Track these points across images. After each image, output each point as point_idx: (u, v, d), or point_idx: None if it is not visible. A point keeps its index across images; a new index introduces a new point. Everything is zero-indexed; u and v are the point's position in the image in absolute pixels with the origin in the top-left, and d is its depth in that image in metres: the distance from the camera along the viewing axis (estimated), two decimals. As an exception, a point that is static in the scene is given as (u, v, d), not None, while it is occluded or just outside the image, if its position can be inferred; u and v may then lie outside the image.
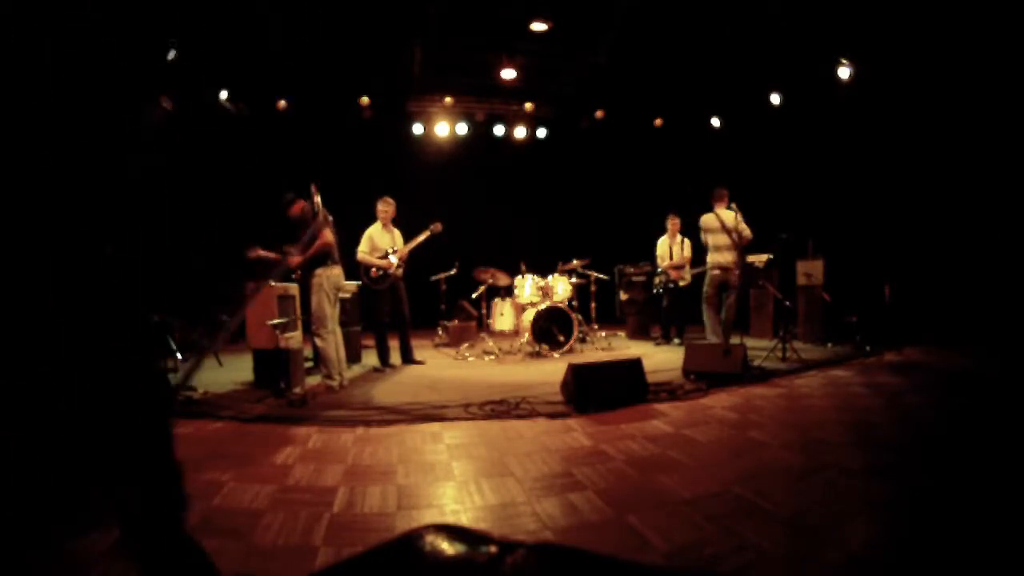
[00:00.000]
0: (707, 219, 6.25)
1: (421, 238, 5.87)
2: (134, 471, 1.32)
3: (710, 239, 6.24)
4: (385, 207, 5.77)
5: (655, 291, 7.47)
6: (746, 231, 5.99)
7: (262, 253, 4.85)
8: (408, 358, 5.89)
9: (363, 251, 5.65)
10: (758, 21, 6.32)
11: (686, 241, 7.25)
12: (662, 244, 7.31)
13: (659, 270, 7.33)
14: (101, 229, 1.28)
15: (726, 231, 5.98)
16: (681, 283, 7.15)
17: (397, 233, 5.89)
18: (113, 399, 1.26)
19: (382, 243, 5.67)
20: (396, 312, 5.74)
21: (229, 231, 5.77)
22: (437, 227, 5.90)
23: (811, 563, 1.72)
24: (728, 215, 6.05)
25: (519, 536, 1.90)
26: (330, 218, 4.65)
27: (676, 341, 7.03)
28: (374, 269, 5.61)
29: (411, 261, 5.91)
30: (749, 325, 7.40)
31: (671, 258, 7.21)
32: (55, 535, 1.97)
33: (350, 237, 5.58)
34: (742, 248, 5.92)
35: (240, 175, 8.06)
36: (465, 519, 2.12)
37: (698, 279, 7.40)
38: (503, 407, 3.83)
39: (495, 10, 6.36)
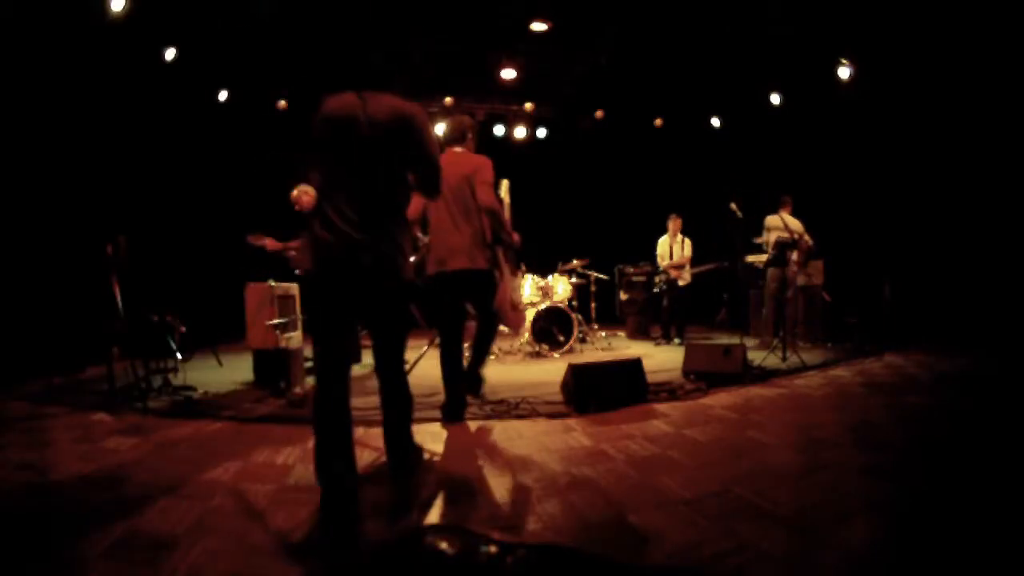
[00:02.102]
0: (772, 219, 6.43)
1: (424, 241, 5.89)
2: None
3: (772, 238, 6.40)
4: None
5: (655, 290, 7.47)
6: (808, 240, 6.37)
7: (266, 242, 4.57)
8: None
9: None
10: (758, 21, 6.32)
11: (687, 241, 7.24)
12: (663, 243, 7.32)
13: (659, 269, 7.34)
14: None
15: (788, 231, 6.11)
16: (680, 282, 7.15)
17: None
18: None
19: None
20: None
21: (234, 231, 5.72)
22: None
23: (811, 563, 1.72)
24: (793, 220, 6.27)
25: (519, 536, 1.90)
26: None
27: (676, 341, 7.03)
28: None
29: (411, 261, 5.92)
30: (749, 325, 7.39)
31: (671, 257, 7.21)
32: (54, 535, 1.98)
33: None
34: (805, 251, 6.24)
35: (243, 175, 8.06)
36: (465, 519, 2.12)
37: (697, 279, 7.41)
38: (503, 407, 3.82)
39: (495, 10, 6.35)
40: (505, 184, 4.14)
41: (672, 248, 7.24)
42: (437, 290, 3.42)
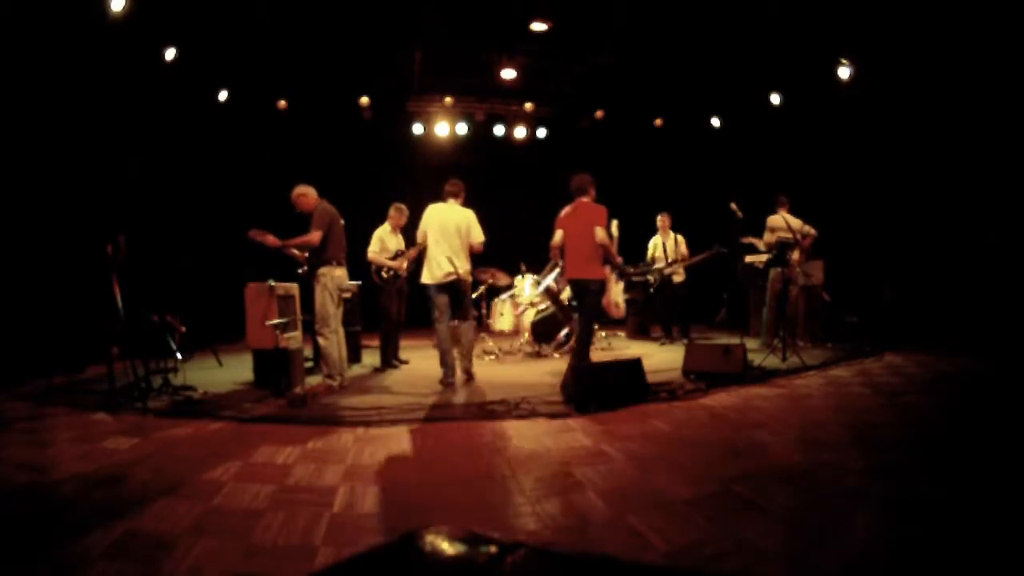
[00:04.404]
0: (774, 219, 6.46)
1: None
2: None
3: (775, 238, 6.44)
4: (398, 215, 5.87)
5: (651, 289, 7.47)
6: (812, 231, 6.45)
7: (268, 238, 4.43)
8: (396, 355, 6.00)
9: (374, 251, 5.74)
10: (758, 21, 6.32)
11: (679, 237, 7.25)
12: (655, 243, 7.32)
13: (653, 267, 7.34)
14: None
15: (791, 231, 6.10)
16: (676, 278, 7.14)
17: (401, 237, 5.95)
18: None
19: (391, 245, 5.76)
20: (398, 312, 5.85)
21: (234, 231, 5.70)
22: None
23: (811, 563, 1.72)
24: (795, 220, 6.28)
25: (519, 536, 1.90)
26: (341, 221, 4.71)
27: (684, 341, 7.02)
28: (385, 269, 5.68)
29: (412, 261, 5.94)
30: (749, 325, 7.39)
31: (665, 254, 7.21)
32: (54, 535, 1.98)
33: (350, 236, 5.61)
34: (804, 248, 6.36)
35: (243, 175, 8.06)
36: (466, 519, 2.12)
37: (697, 275, 7.40)
38: (503, 407, 3.82)
39: (495, 10, 6.35)
40: (615, 223, 5.90)
41: (665, 245, 7.24)
42: (573, 289, 5.18)
